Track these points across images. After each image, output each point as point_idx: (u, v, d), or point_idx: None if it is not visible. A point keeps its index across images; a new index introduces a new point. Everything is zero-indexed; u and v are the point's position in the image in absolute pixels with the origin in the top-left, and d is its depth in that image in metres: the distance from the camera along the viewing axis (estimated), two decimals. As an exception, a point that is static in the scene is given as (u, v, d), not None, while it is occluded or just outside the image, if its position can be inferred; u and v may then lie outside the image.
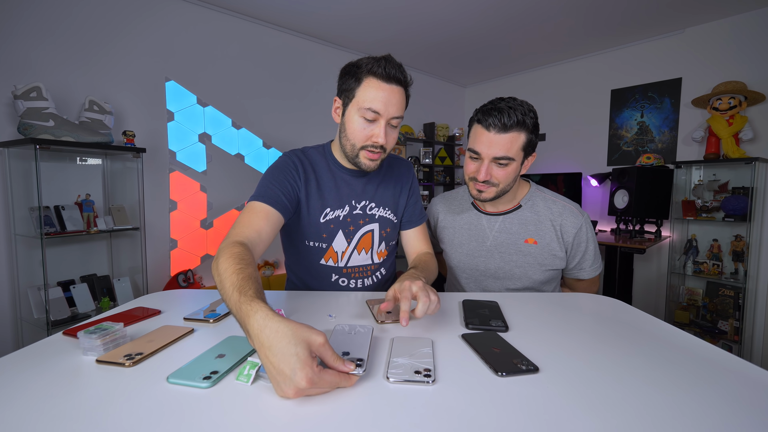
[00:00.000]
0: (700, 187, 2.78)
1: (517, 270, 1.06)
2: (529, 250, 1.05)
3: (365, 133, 0.87)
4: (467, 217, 1.14)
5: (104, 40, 2.18)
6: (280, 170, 0.92)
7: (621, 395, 0.47)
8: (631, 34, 3.02)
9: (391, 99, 0.85)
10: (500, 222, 1.08)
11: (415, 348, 0.59)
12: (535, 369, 0.53)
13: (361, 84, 0.85)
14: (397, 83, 0.85)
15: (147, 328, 0.69)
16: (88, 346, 0.57)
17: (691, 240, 2.83)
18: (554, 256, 1.05)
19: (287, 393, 0.45)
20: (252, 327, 0.49)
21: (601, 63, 3.41)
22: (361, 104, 0.85)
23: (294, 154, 0.97)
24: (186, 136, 2.55)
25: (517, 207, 1.08)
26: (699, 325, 2.73)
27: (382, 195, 1.03)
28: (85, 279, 2.13)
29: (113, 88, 2.23)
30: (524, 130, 0.94)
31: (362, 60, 0.87)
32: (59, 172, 2.07)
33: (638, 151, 3.21)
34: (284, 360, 0.45)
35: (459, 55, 3.51)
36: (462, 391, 0.48)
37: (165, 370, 0.52)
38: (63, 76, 2.06)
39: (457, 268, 1.15)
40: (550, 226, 1.05)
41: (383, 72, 0.83)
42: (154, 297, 0.90)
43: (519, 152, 0.96)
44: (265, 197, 0.85)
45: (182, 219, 2.57)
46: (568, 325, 0.72)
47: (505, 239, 1.07)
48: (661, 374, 0.52)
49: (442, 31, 2.99)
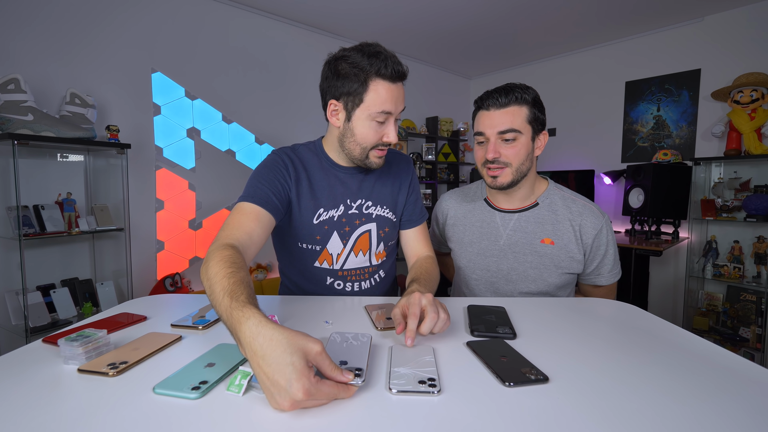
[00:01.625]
0: (720, 185, 2.78)
1: (531, 272, 1.06)
2: (546, 251, 1.05)
3: (378, 136, 0.89)
4: (479, 214, 1.14)
5: (87, 29, 2.18)
6: (269, 169, 0.92)
7: (636, 406, 0.47)
8: (647, 22, 3.02)
9: (399, 96, 0.88)
10: (515, 220, 1.09)
11: (416, 356, 0.59)
12: (545, 379, 0.53)
13: (368, 87, 0.85)
14: (401, 79, 0.88)
15: (132, 336, 0.69)
16: (69, 355, 0.57)
17: (710, 241, 2.83)
18: (572, 259, 1.05)
19: (282, 405, 0.44)
20: (244, 335, 0.48)
21: (614, 53, 3.41)
22: (373, 109, 0.86)
23: (283, 152, 0.97)
24: (173, 131, 2.55)
25: (534, 204, 1.08)
26: (719, 332, 2.73)
27: (379, 192, 1.02)
28: (66, 283, 2.13)
29: (96, 80, 2.23)
30: (524, 103, 0.99)
31: (351, 55, 0.86)
32: (38, 170, 2.07)
33: (654, 147, 3.21)
34: (279, 370, 0.44)
35: (463, 45, 3.52)
36: (468, 402, 0.48)
37: (151, 380, 0.52)
38: (43, 67, 2.06)
39: (466, 268, 1.14)
40: (568, 226, 1.05)
41: (391, 72, 0.85)
42: (140, 302, 0.90)
43: (524, 125, 0.99)
44: (255, 198, 0.85)
45: (169, 219, 2.57)
46: (580, 331, 0.72)
47: (520, 238, 1.07)
48: (679, 384, 0.52)
49: (446, 19, 3.00)
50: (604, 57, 3.48)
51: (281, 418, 0.44)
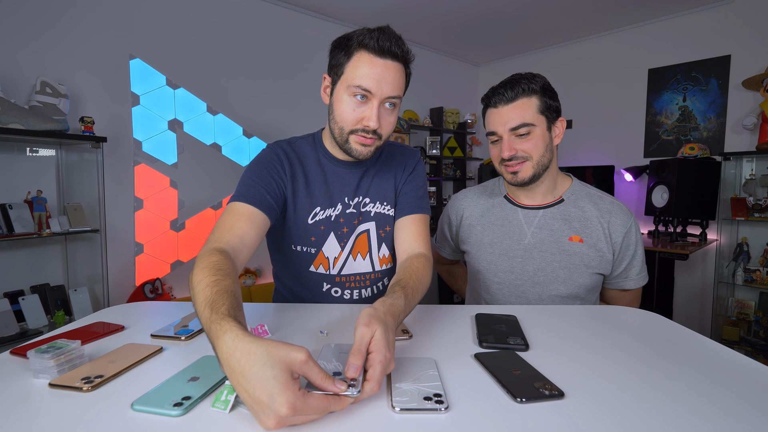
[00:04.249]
0: (752, 182, 2.78)
1: (561, 272, 1.06)
2: (575, 249, 1.06)
3: (355, 116, 0.86)
4: (500, 212, 1.14)
5: (58, 12, 2.18)
6: (262, 165, 0.92)
7: (659, 424, 0.47)
8: (672, 3, 3.02)
9: (385, 76, 0.84)
10: (540, 217, 1.09)
11: (418, 370, 0.59)
12: (561, 394, 0.53)
13: (351, 58, 0.85)
14: (393, 58, 0.84)
15: (108, 347, 0.69)
16: (39, 368, 0.57)
17: (741, 244, 2.83)
18: (602, 258, 1.06)
19: (268, 424, 0.44)
20: (221, 351, 0.48)
21: (636, 38, 3.42)
22: (351, 81, 0.84)
23: (278, 146, 0.97)
24: (154, 123, 2.56)
25: (559, 201, 1.10)
26: (751, 342, 2.73)
27: (377, 188, 1.01)
28: (37, 289, 2.13)
29: (69, 67, 2.23)
30: (533, 94, 1.01)
31: (356, 32, 0.86)
32: (6, 165, 2.07)
33: (680, 141, 3.22)
34: (260, 386, 0.44)
35: (470, 29, 3.52)
36: (477, 419, 0.48)
37: (129, 396, 0.52)
38: (10, 53, 2.06)
39: (487, 271, 1.14)
40: (597, 223, 1.07)
41: (375, 45, 0.82)
42: (117, 310, 0.90)
43: (536, 116, 1.01)
44: (248, 197, 0.86)
45: (149, 219, 2.57)
46: (599, 342, 0.72)
47: (546, 236, 1.08)
48: (707, 400, 0.52)
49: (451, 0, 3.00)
50: (625, 42, 3.48)
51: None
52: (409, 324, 0.80)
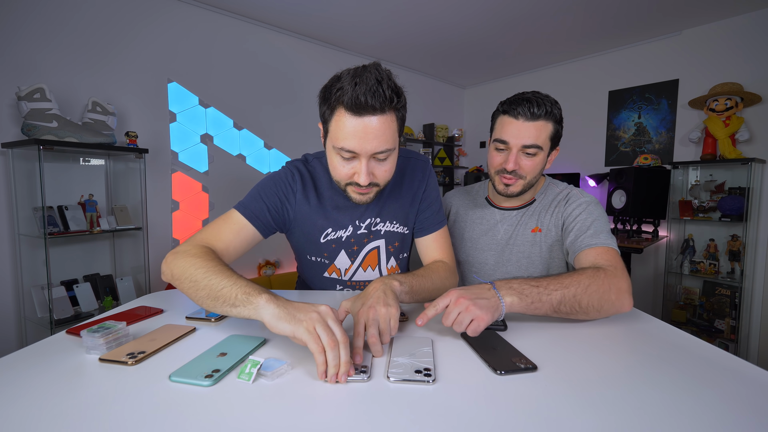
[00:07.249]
0: (696, 187, 2.78)
1: (524, 261, 1.05)
2: (535, 239, 1.04)
3: (346, 171, 0.73)
4: (480, 212, 1.14)
5: (108, 43, 2.18)
6: (275, 182, 0.85)
7: (618, 393, 0.47)
8: (629, 36, 3.02)
9: (367, 134, 0.67)
10: (513, 216, 1.08)
11: (415, 347, 0.59)
12: (534, 367, 0.53)
13: (333, 115, 0.69)
14: (372, 112, 0.66)
15: (149, 327, 0.69)
16: (91, 345, 0.57)
17: (687, 240, 2.83)
18: (556, 237, 1.01)
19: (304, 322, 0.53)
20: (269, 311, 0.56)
21: (598, 65, 3.41)
22: (335, 142, 0.70)
23: (295, 167, 0.87)
24: (188, 137, 2.55)
25: (531, 202, 1.08)
26: (696, 324, 2.72)
27: (389, 209, 0.91)
28: (88, 278, 2.13)
29: (116, 89, 2.23)
30: (551, 119, 0.92)
31: (340, 78, 0.68)
32: (63, 173, 2.07)
33: (636, 152, 3.21)
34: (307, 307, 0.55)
35: (458, 57, 3.51)
36: (461, 389, 0.48)
37: (167, 369, 0.52)
38: (67, 77, 2.06)
39: (466, 262, 1.14)
40: (554, 210, 1.02)
41: (352, 102, 0.65)
42: (157, 296, 0.90)
43: (546, 142, 0.94)
44: (248, 209, 0.81)
45: (184, 219, 2.57)
46: (566, 323, 0.72)
47: (516, 232, 1.07)
48: (658, 372, 0.52)
49: (441, 33, 2.99)
50: (589, 68, 3.48)
51: (288, 403, 0.45)
52: (415, 309, 0.80)
